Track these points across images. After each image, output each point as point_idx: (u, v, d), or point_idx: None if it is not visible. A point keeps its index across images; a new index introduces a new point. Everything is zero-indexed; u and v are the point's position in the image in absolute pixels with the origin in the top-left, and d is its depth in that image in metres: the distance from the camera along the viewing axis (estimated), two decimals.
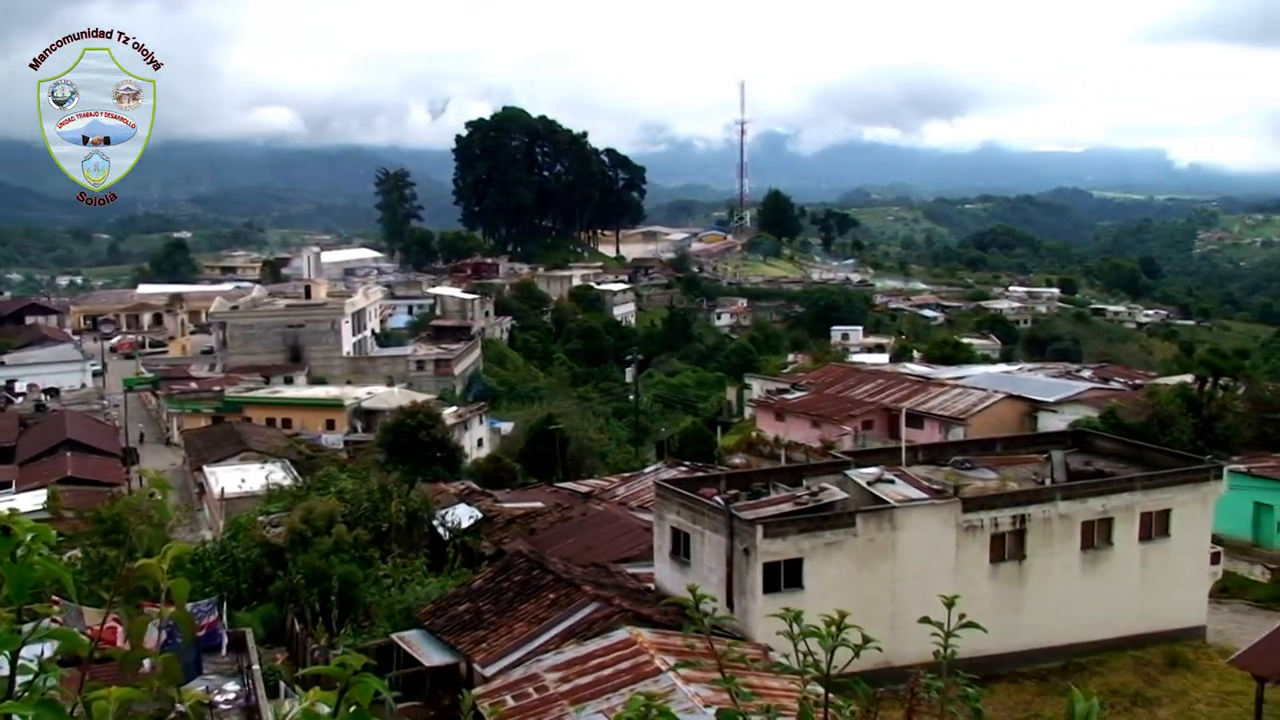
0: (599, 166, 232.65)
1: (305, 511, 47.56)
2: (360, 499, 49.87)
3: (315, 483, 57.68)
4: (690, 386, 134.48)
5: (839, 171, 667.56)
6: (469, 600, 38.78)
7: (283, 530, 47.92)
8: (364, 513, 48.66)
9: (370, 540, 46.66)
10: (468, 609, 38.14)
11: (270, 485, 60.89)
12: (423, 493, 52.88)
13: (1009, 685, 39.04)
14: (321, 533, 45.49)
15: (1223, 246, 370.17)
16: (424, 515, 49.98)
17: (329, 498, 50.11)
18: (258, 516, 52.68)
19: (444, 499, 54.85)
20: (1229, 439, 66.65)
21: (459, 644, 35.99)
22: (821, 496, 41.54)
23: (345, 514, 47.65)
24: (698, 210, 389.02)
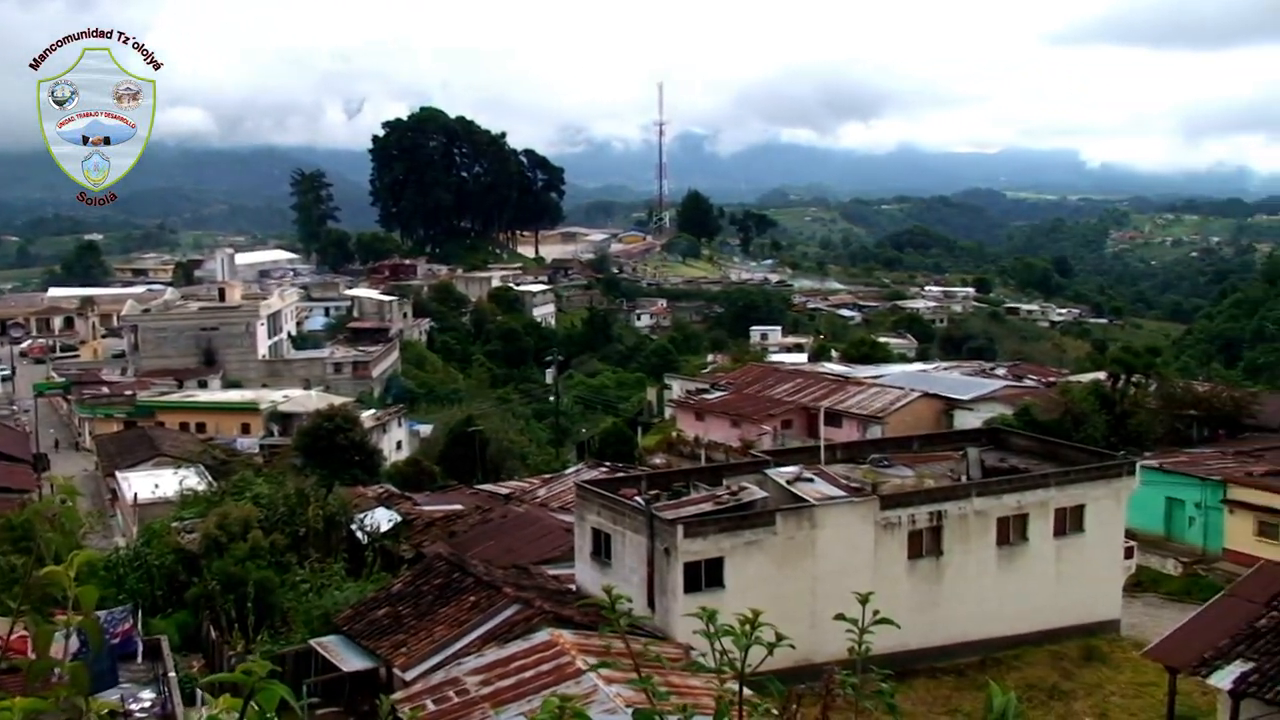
0: (517, 167, 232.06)
1: (220, 517, 46.92)
2: (277, 504, 49.26)
3: (230, 488, 56.86)
4: (611, 387, 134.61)
5: (757, 172, 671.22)
6: (388, 604, 38.46)
7: (198, 536, 47.25)
8: (280, 517, 48.08)
9: (287, 545, 46.11)
10: (387, 613, 37.83)
11: (184, 491, 59.94)
12: (340, 497, 52.38)
13: (927, 680, 39.44)
14: (237, 538, 44.91)
15: (1134, 246, 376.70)
16: (342, 519, 49.50)
17: (245, 503, 49.46)
18: (172, 522, 51.88)
19: (362, 503, 54.38)
20: (1141, 435, 67.77)
21: (378, 648, 35.69)
22: (741, 496, 41.68)
23: (261, 519, 47.07)
24: (617, 211, 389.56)
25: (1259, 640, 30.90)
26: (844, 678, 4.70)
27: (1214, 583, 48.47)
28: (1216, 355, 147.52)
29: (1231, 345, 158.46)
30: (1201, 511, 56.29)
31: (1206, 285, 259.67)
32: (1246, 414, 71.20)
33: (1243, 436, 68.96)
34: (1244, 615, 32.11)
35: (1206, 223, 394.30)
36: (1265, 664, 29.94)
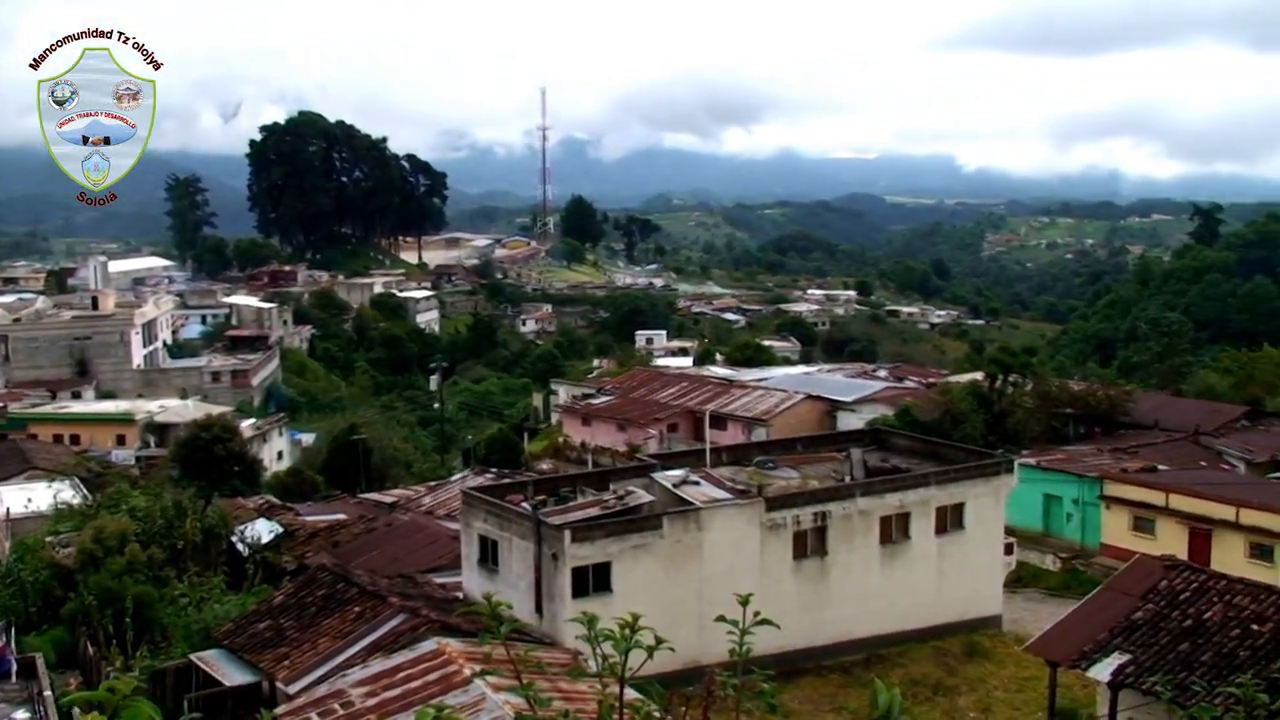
0: (399, 172, 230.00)
1: (96, 531, 45.71)
2: (154, 517, 48.12)
3: (106, 501, 55.46)
4: (496, 393, 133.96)
5: (641, 177, 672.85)
6: (270, 617, 37.75)
7: (73, 551, 46.03)
8: (158, 531, 46.98)
9: (165, 559, 45.08)
10: (269, 626, 37.13)
11: (58, 504, 58.34)
12: (220, 508, 51.35)
13: (814, 679, 39.76)
14: (114, 552, 43.79)
15: (1010, 248, 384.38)
16: (221, 531, 48.55)
17: (121, 516, 48.25)
18: (46, 537, 50.49)
19: (243, 514, 53.41)
20: (1019, 434, 69.07)
21: (261, 662, 35.01)
22: (628, 500, 41.69)
23: (138, 532, 45.95)
24: (501, 216, 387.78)
25: (1135, 632, 31.62)
26: (725, 679, 4.64)
27: (1092, 577, 49.57)
28: (1091, 355, 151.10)
29: (1106, 345, 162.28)
30: (1079, 508, 57.55)
31: (1081, 286, 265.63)
32: (1121, 412, 72.95)
33: (1118, 434, 70.63)
34: (1121, 608, 32.83)
35: (1080, 225, 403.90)
36: (1142, 655, 30.64)
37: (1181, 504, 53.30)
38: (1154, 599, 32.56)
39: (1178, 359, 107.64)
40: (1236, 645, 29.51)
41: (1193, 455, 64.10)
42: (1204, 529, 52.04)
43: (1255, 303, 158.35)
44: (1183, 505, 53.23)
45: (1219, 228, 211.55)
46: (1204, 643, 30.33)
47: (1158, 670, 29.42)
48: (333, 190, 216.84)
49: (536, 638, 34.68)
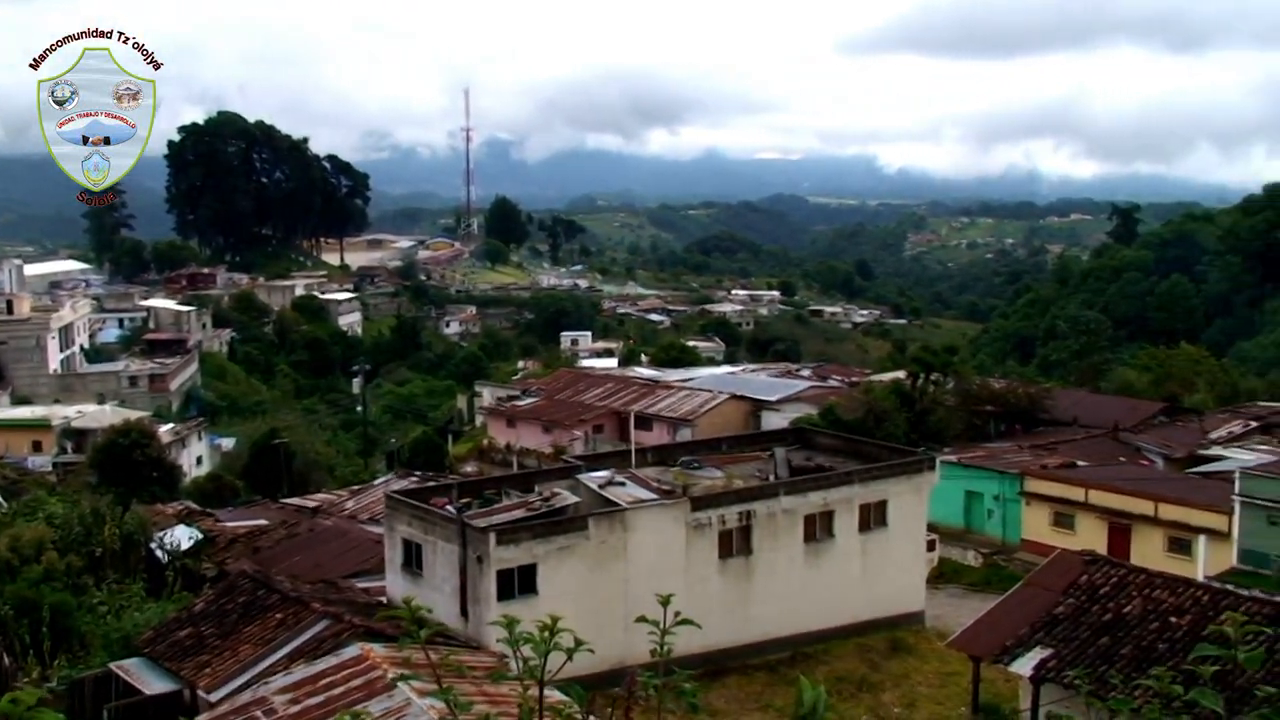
0: (320, 173, 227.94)
1: (12, 539, 44.81)
2: (71, 524, 47.31)
3: (22, 508, 54.47)
4: (420, 396, 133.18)
5: (565, 178, 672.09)
6: (191, 624, 37.18)
7: None
8: (76, 538, 46.16)
9: (83, 567, 44.30)
10: (189, 634, 36.57)
11: None
12: (139, 515, 50.56)
13: (740, 677, 39.87)
14: (30, 561, 42.95)
15: (931, 248, 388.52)
16: (140, 538, 47.78)
17: (37, 523, 47.38)
18: None
19: (162, 520, 52.59)
20: (941, 431, 69.78)
21: (181, 670, 34.49)
22: (554, 501, 41.58)
23: (56, 540, 45.11)
24: (424, 218, 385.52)
25: (1057, 627, 31.98)
26: (646, 679, 4.56)
27: (1013, 572, 50.11)
28: (1011, 353, 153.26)
29: (1025, 343, 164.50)
30: (1000, 504, 58.19)
31: (1001, 286, 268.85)
32: (1040, 409, 73.95)
33: (1037, 430, 71.60)
34: (1042, 603, 33.21)
35: (1000, 225, 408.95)
36: (1063, 649, 30.99)
37: (1101, 500, 54.09)
38: (1074, 594, 32.95)
39: (1096, 357, 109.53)
40: (1156, 638, 29.94)
41: (1112, 451, 65.10)
42: (1123, 524, 52.84)
43: (1172, 301, 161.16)
44: (1102, 501, 54.02)
45: (1137, 227, 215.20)
46: (1124, 636, 30.74)
47: (1079, 664, 29.79)
48: (253, 191, 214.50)
49: (462, 641, 34.46)
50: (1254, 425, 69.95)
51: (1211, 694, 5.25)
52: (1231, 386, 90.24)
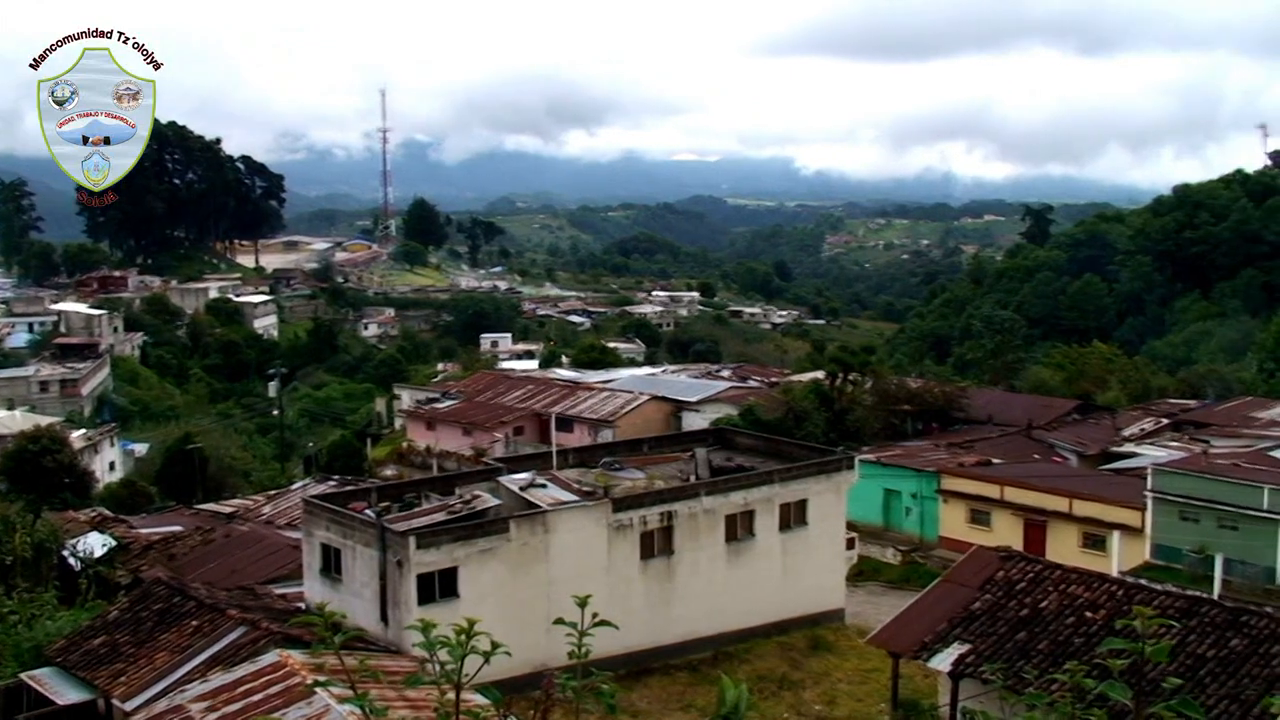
0: (234, 174, 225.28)
1: None
2: None
3: None
4: (338, 399, 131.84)
5: (483, 180, 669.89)
6: (105, 633, 36.54)
7: None
8: None
9: None
10: (104, 642, 35.93)
11: None
12: (50, 522, 49.56)
13: (662, 677, 39.92)
14: None
15: (848, 249, 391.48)
16: (52, 546, 46.86)
17: None
18: None
19: (74, 528, 51.63)
20: (859, 430, 70.41)
21: (96, 679, 33.88)
22: (475, 504, 41.37)
23: None
24: (341, 219, 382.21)
25: (974, 622, 32.34)
26: (564, 681, 4.54)
27: (931, 569, 50.70)
28: (928, 352, 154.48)
29: (941, 342, 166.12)
30: (917, 502, 58.82)
31: (917, 286, 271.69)
32: (956, 407, 74.84)
33: (954, 429, 72.46)
34: (960, 599, 33.57)
35: (916, 226, 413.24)
36: (981, 645, 31.35)
37: (1016, 496, 54.85)
38: (991, 589, 33.35)
39: (1011, 356, 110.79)
40: (1071, 633, 30.37)
41: (1026, 449, 66.06)
42: (1038, 520, 53.63)
43: (1085, 300, 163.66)
44: (1017, 498, 54.79)
45: (1049, 228, 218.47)
46: (1040, 631, 31.15)
47: (997, 659, 30.15)
48: (165, 193, 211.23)
49: (383, 647, 34.19)
50: (1165, 422, 71.28)
51: (1121, 687, 5.35)
52: (1143, 384, 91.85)
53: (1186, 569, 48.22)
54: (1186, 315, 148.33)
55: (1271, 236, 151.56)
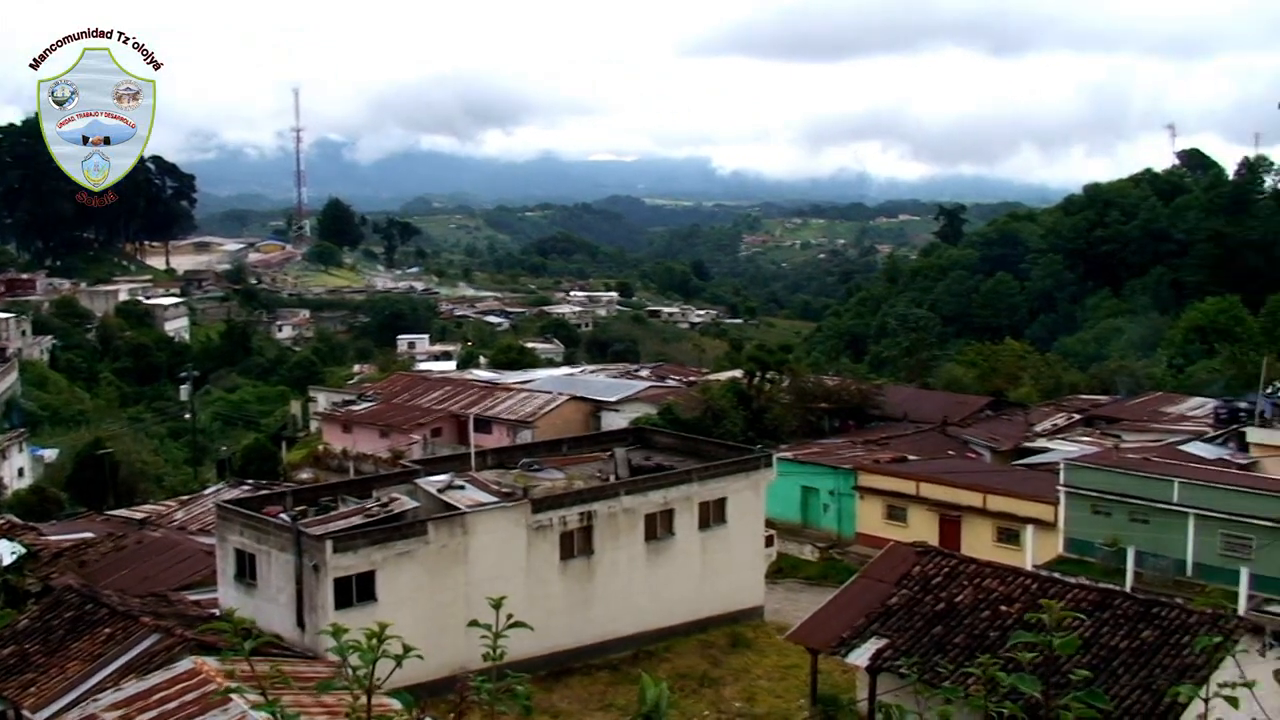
0: (144, 174, 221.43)
1: None
2: None
3: None
4: (252, 402, 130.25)
5: (399, 180, 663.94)
6: (14, 642, 35.82)
7: None
8: None
9: None
10: (13, 652, 35.23)
11: None
12: None
13: (582, 678, 39.90)
14: None
15: (766, 249, 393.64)
16: None
17: None
18: None
19: None
20: (777, 428, 70.82)
21: (5, 690, 33.21)
22: (392, 507, 41.08)
23: None
24: (254, 220, 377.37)
25: (891, 618, 32.67)
26: (478, 683, 4.50)
27: (849, 565, 51.10)
28: (844, 350, 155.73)
29: (857, 341, 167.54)
30: (835, 499, 59.26)
31: (833, 285, 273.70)
32: (872, 405, 75.52)
33: (870, 426, 73.09)
34: (877, 595, 33.89)
35: (832, 226, 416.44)
36: (898, 639, 31.67)
37: (931, 492, 55.46)
38: (908, 584, 33.70)
39: (925, 353, 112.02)
40: (987, 626, 30.77)
41: (941, 445, 66.80)
42: (953, 516, 54.26)
43: (997, 298, 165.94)
44: (933, 494, 55.40)
45: (962, 227, 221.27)
46: (956, 625, 31.53)
47: (914, 653, 30.47)
48: (73, 194, 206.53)
49: (300, 652, 33.83)
50: (1077, 418, 72.48)
51: (1031, 680, 5.43)
52: (1055, 380, 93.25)
53: (1099, 562, 49.03)
54: (1097, 312, 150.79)
55: (1180, 235, 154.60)
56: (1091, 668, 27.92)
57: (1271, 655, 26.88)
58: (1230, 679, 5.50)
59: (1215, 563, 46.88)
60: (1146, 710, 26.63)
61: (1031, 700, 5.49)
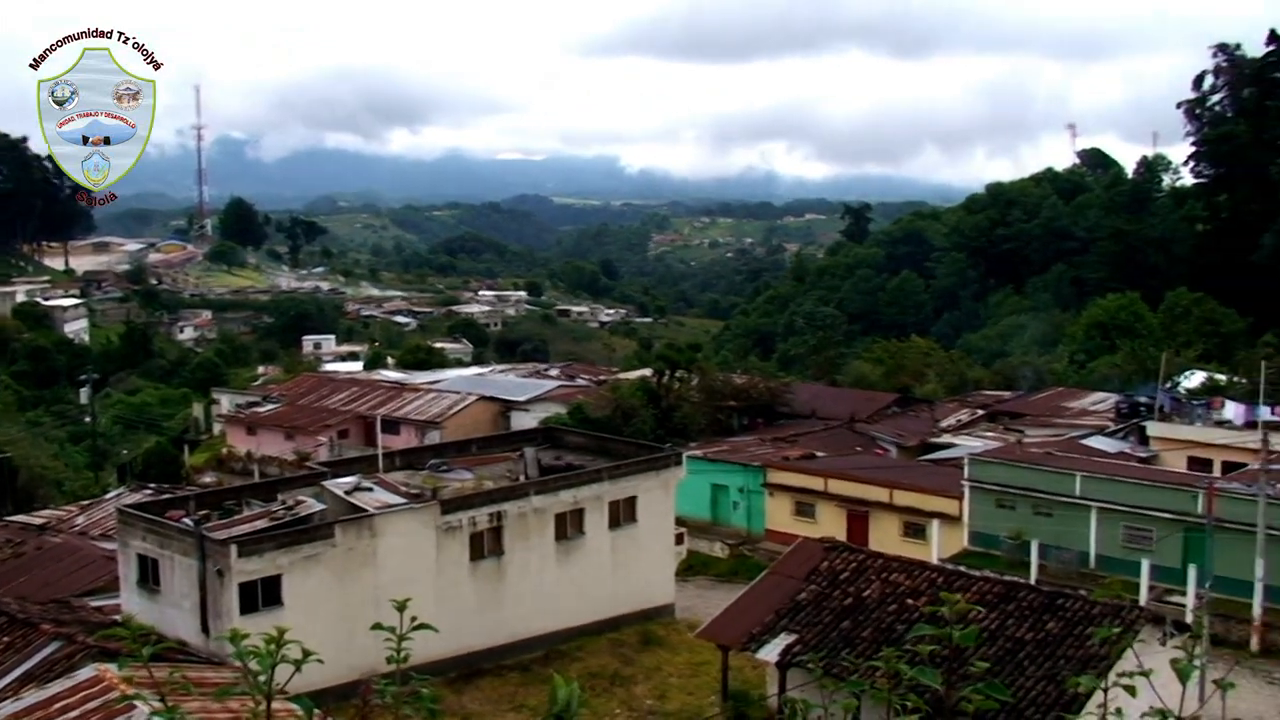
0: (41, 173, 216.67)
1: None
2: None
3: None
4: (154, 405, 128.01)
5: (303, 178, 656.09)
6: None
7: None
8: None
9: None
10: None
11: None
12: None
13: (493, 679, 39.76)
14: None
15: (674, 248, 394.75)
16: None
17: None
18: None
19: None
20: (686, 427, 71.05)
21: None
22: (298, 510, 40.61)
23: None
24: (154, 220, 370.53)
25: (800, 613, 32.92)
26: (382, 687, 4.46)
27: (758, 562, 51.42)
28: (752, 349, 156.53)
29: (766, 339, 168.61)
30: (744, 496, 59.60)
31: (742, 283, 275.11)
32: (781, 402, 76.05)
33: (779, 423, 73.57)
34: (787, 591, 34.13)
35: (740, 225, 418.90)
36: (807, 635, 31.93)
37: (839, 488, 55.98)
38: (816, 580, 33.99)
39: (832, 351, 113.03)
40: (894, 620, 31.12)
41: (848, 442, 67.46)
42: (861, 511, 54.82)
43: (903, 296, 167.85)
44: (841, 489, 55.93)
45: (868, 226, 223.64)
46: (864, 619, 31.87)
47: (822, 648, 30.73)
48: None
49: (205, 658, 33.32)
50: (981, 413, 73.60)
51: (931, 672, 5.51)
52: (959, 376, 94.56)
53: (1003, 555, 49.81)
54: (1000, 309, 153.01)
55: (1081, 233, 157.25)
56: (997, 659, 28.40)
57: (1171, 644, 27.47)
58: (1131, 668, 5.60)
59: (1117, 555, 47.82)
60: (1051, 701, 27.10)
61: (937, 693, 5.56)
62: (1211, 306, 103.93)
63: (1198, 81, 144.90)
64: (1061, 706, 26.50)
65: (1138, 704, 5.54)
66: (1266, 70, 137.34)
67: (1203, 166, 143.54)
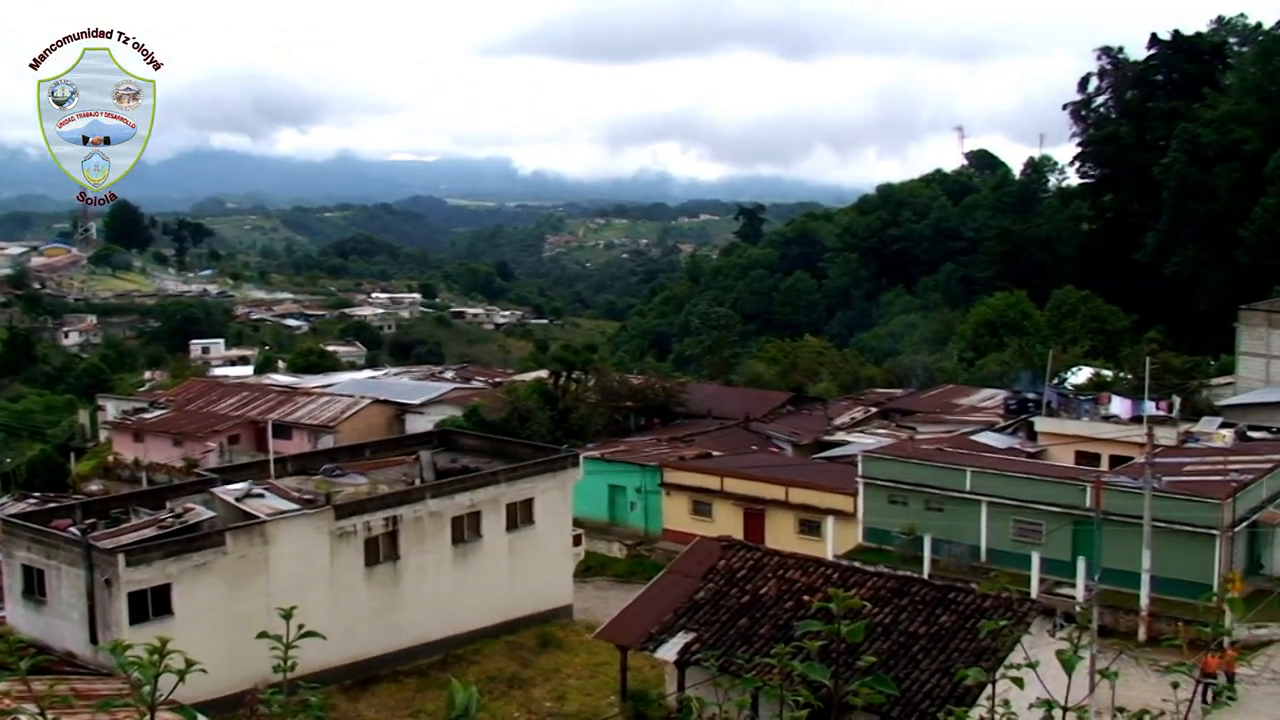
0: None
1: None
2: None
3: None
4: (38, 412, 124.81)
5: (189, 180, 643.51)
6: None
7: None
8: None
9: None
10: None
11: None
12: None
13: (390, 685, 39.42)
14: None
15: (569, 249, 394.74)
16: None
17: None
18: None
19: None
20: (583, 428, 70.99)
21: None
22: (187, 517, 39.89)
23: None
24: (37, 223, 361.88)
25: (698, 611, 33.06)
26: (268, 696, 4.38)
27: (656, 562, 51.49)
28: (649, 349, 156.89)
29: (662, 339, 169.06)
30: (641, 496, 59.72)
31: (637, 284, 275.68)
32: (677, 402, 76.32)
33: (675, 423, 73.80)
34: (684, 590, 34.26)
35: (634, 226, 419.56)
36: (705, 633, 32.06)
37: (736, 487, 56.31)
38: (714, 578, 34.15)
39: (727, 351, 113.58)
40: (790, 617, 31.36)
41: (744, 440, 67.87)
42: (757, 509, 55.20)
43: (796, 296, 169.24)
44: (737, 488, 56.26)
45: (762, 226, 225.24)
46: (761, 616, 32.08)
47: (720, 646, 30.88)
48: None
49: (94, 669, 32.61)
50: (873, 411, 74.43)
51: (820, 668, 5.59)
52: (852, 375, 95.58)
53: (897, 550, 50.40)
54: (892, 308, 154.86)
55: (969, 232, 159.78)
56: (891, 653, 28.77)
57: (1060, 636, 28.03)
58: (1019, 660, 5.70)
59: (1008, 548, 48.61)
60: (945, 694, 27.49)
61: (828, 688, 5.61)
62: (1097, 304, 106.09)
63: (1083, 84, 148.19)
64: (955, 699, 26.87)
65: (1028, 695, 5.64)
66: (1148, 73, 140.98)
67: (1088, 167, 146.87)
